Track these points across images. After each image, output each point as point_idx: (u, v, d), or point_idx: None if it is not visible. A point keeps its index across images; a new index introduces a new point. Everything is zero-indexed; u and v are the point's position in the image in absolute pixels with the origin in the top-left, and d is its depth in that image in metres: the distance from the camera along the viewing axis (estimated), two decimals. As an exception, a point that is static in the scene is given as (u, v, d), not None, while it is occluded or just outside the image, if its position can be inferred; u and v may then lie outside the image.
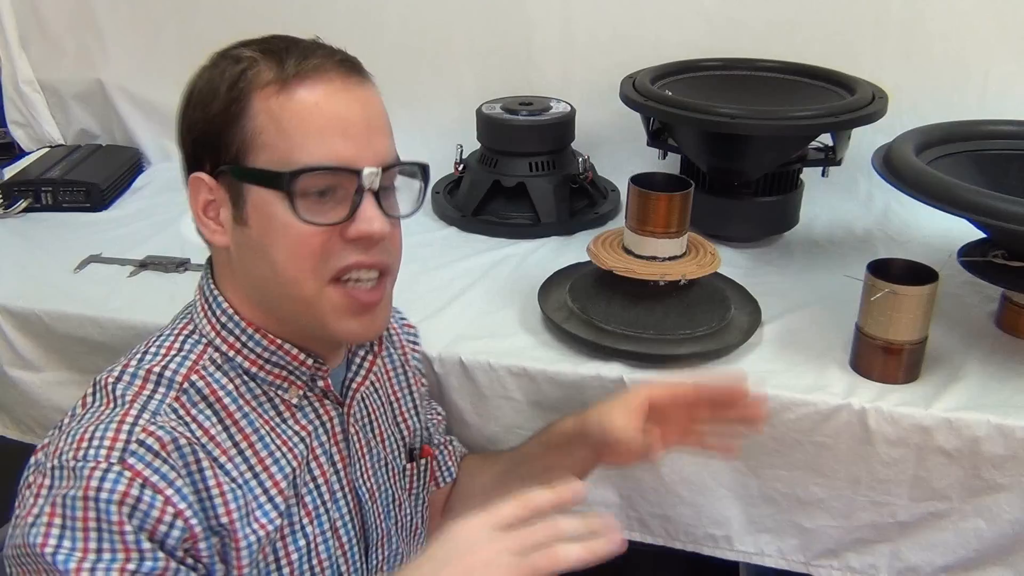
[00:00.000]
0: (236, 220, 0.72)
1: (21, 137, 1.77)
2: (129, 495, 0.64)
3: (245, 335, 0.75)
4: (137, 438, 0.66)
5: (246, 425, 0.74)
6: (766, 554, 1.05)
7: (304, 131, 0.69)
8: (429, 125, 1.59)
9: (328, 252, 0.71)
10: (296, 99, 0.69)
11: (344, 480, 0.82)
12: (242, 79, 0.70)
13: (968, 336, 1.09)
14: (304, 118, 0.69)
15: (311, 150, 0.69)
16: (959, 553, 0.98)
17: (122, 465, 0.65)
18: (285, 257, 0.70)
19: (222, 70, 0.71)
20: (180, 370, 0.73)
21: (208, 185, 0.73)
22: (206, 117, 0.71)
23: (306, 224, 0.69)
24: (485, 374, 1.05)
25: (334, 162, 0.69)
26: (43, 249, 1.35)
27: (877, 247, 1.33)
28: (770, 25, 1.47)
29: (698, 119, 1.22)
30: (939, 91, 1.43)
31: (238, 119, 0.70)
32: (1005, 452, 0.93)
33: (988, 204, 0.93)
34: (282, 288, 0.72)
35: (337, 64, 0.71)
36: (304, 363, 0.76)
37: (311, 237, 0.70)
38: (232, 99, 0.70)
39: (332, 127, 0.69)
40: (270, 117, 0.69)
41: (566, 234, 1.39)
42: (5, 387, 1.22)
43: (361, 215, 0.70)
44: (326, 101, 0.69)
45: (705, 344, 1.04)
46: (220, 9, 1.63)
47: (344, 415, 0.82)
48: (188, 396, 0.72)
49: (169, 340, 0.76)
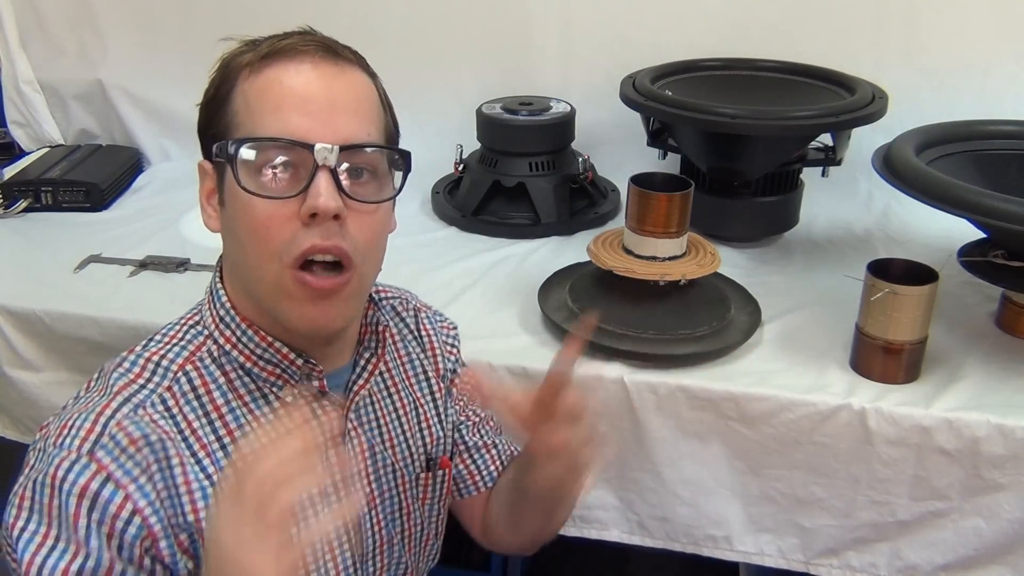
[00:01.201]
0: (220, 203, 0.74)
1: (21, 137, 1.77)
2: (89, 488, 0.65)
3: (240, 330, 0.75)
4: (109, 432, 0.68)
5: (231, 420, 0.75)
6: (766, 554, 1.05)
7: (263, 106, 0.69)
8: (429, 125, 1.59)
9: (288, 234, 0.69)
10: (263, 76, 0.70)
11: (340, 482, 0.81)
12: (230, 64, 0.72)
13: (968, 336, 1.09)
14: (266, 93, 0.70)
15: (268, 124, 0.69)
16: (959, 552, 0.98)
17: (89, 457, 0.66)
18: (248, 236, 0.71)
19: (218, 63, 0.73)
20: (177, 359, 0.74)
21: (207, 171, 0.75)
22: (203, 105, 0.74)
23: (256, 198, 0.69)
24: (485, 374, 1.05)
25: (286, 135, 0.69)
26: (43, 249, 1.35)
27: (877, 247, 1.33)
28: (770, 25, 1.47)
29: (698, 119, 1.22)
30: (939, 91, 1.43)
31: (224, 103, 0.72)
32: (1005, 452, 0.93)
33: (988, 204, 0.93)
34: (250, 271, 0.72)
35: (312, 45, 0.71)
36: (294, 363, 0.76)
37: (269, 215, 0.69)
38: (219, 85, 0.72)
39: (289, 102, 0.69)
40: (243, 97, 0.71)
41: (566, 234, 1.39)
42: (4, 387, 1.22)
43: (312, 190, 0.68)
44: (289, 78, 0.70)
45: (705, 344, 1.04)
46: (220, 9, 1.63)
47: (343, 416, 0.81)
48: (179, 386, 0.73)
49: (175, 329, 0.78)
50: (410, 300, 0.93)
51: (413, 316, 0.92)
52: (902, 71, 1.42)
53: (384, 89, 0.77)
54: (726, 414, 1.00)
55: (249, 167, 0.69)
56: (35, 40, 1.72)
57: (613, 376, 1.01)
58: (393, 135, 0.77)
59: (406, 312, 0.92)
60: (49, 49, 1.72)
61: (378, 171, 0.73)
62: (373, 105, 0.74)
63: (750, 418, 0.99)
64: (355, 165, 0.71)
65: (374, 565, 0.85)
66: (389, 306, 0.91)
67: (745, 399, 0.99)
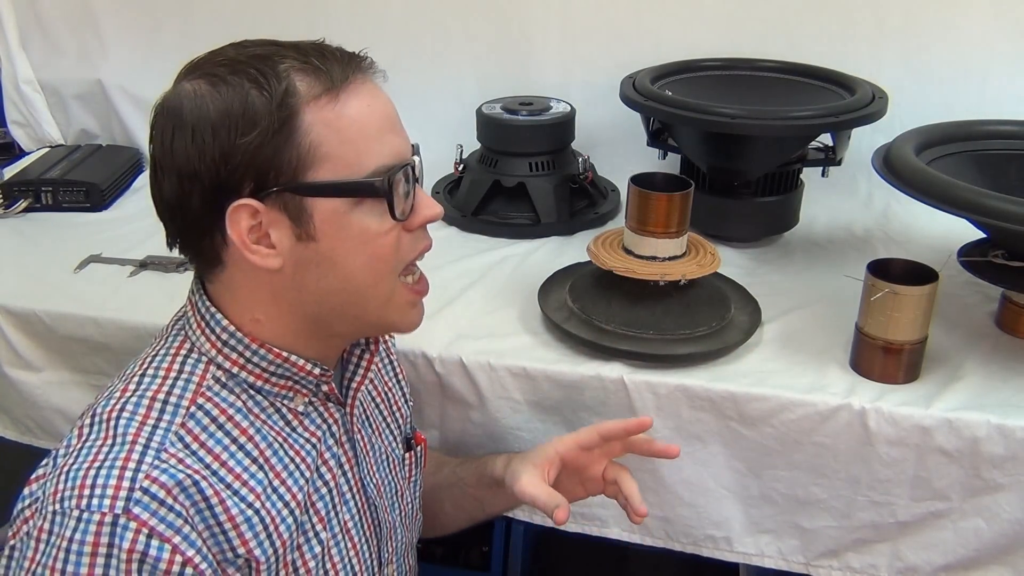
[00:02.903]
0: (299, 238, 0.70)
1: (21, 137, 1.77)
2: (135, 549, 0.62)
3: (249, 351, 0.73)
4: (141, 485, 0.64)
5: (260, 440, 0.73)
6: (766, 555, 1.05)
7: (366, 135, 0.70)
8: (429, 125, 1.58)
9: (399, 247, 0.74)
10: (351, 106, 0.70)
11: (352, 480, 0.82)
12: (290, 95, 0.67)
13: (968, 336, 1.09)
14: (363, 123, 0.70)
15: (378, 151, 0.70)
16: (959, 553, 0.98)
17: (127, 516, 0.63)
18: (364, 263, 0.72)
19: (248, 92, 0.67)
20: (186, 394, 0.71)
21: (254, 210, 0.68)
22: (251, 140, 0.66)
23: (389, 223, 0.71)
24: (485, 374, 1.05)
25: (399, 158, 0.72)
26: (43, 249, 1.35)
27: (877, 247, 1.33)
28: (770, 25, 1.47)
29: (698, 119, 1.22)
30: (939, 91, 1.43)
31: (292, 136, 0.67)
32: (1005, 452, 0.93)
33: (988, 204, 0.93)
34: (352, 296, 0.73)
35: (363, 65, 0.73)
36: (311, 372, 0.76)
37: (386, 236, 0.72)
38: (283, 117, 0.67)
39: (385, 126, 0.72)
40: (329, 128, 0.68)
41: (566, 234, 1.39)
42: (4, 387, 1.21)
43: (423, 200, 0.74)
44: (373, 102, 0.71)
45: (705, 344, 1.04)
46: (220, 9, 1.63)
47: (347, 415, 0.82)
48: (196, 420, 0.70)
49: (167, 361, 0.74)
50: None
51: None
52: (902, 71, 1.42)
53: None
54: (726, 414, 1.00)
55: (399, 196, 0.71)
56: (35, 40, 1.72)
57: (613, 376, 1.01)
58: None
59: None
60: (49, 49, 1.72)
61: None
62: None
63: (750, 418, 0.99)
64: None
65: (387, 552, 0.88)
66: None
67: (745, 399, 0.98)
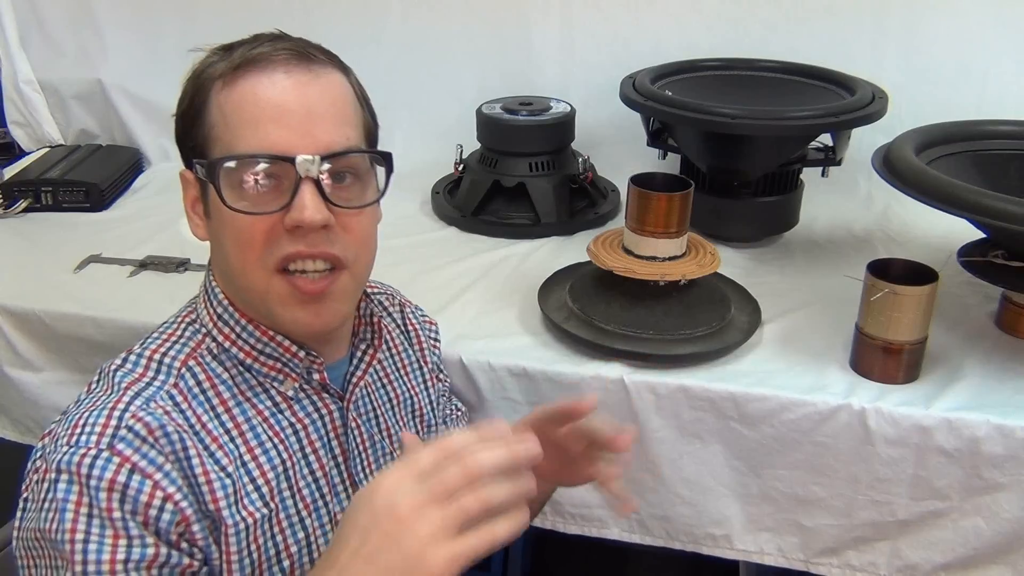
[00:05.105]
0: (206, 213, 0.75)
1: (21, 137, 1.77)
2: (117, 481, 0.65)
3: (239, 326, 0.76)
4: (126, 424, 0.68)
5: (239, 414, 0.75)
6: (766, 553, 1.06)
7: (241, 121, 0.70)
8: (429, 125, 1.59)
9: (271, 241, 0.71)
10: (237, 90, 0.70)
11: (345, 473, 0.82)
12: (202, 75, 0.72)
13: (968, 336, 1.09)
14: (242, 107, 0.70)
15: (247, 139, 0.69)
16: (958, 551, 0.98)
17: (111, 451, 0.66)
18: (232, 247, 0.72)
19: (193, 71, 0.74)
20: (179, 356, 0.75)
21: (190, 181, 0.75)
22: (179, 116, 0.74)
23: (239, 213, 0.70)
24: (485, 374, 1.05)
25: (266, 151, 0.69)
26: (43, 249, 1.35)
27: (877, 247, 1.33)
28: (770, 25, 1.47)
29: (698, 119, 1.22)
30: (939, 91, 1.43)
31: (199, 116, 0.72)
32: (1005, 452, 0.93)
33: (988, 204, 0.93)
34: (238, 279, 0.74)
35: (283, 53, 0.71)
36: (296, 355, 0.77)
37: (251, 226, 0.70)
38: (192, 96, 0.72)
39: (266, 116, 0.69)
40: (220, 110, 0.71)
41: (566, 234, 1.39)
42: (5, 387, 1.22)
43: (296, 203, 0.69)
44: (264, 90, 0.70)
45: (705, 344, 1.04)
46: (220, 9, 1.62)
47: (344, 408, 0.82)
48: (184, 382, 0.74)
49: (172, 327, 0.78)
50: (395, 295, 0.97)
51: (399, 311, 0.95)
52: (902, 71, 1.43)
53: (359, 83, 0.77)
54: (726, 414, 1.00)
55: (232, 183, 0.70)
56: (35, 40, 1.72)
57: (613, 376, 1.02)
58: (372, 130, 0.78)
59: (392, 307, 0.95)
60: (49, 49, 1.72)
61: (360, 172, 0.73)
62: (349, 105, 0.74)
63: (750, 418, 0.99)
64: (337, 170, 0.72)
65: None
66: (376, 301, 0.93)
67: (745, 399, 0.99)
